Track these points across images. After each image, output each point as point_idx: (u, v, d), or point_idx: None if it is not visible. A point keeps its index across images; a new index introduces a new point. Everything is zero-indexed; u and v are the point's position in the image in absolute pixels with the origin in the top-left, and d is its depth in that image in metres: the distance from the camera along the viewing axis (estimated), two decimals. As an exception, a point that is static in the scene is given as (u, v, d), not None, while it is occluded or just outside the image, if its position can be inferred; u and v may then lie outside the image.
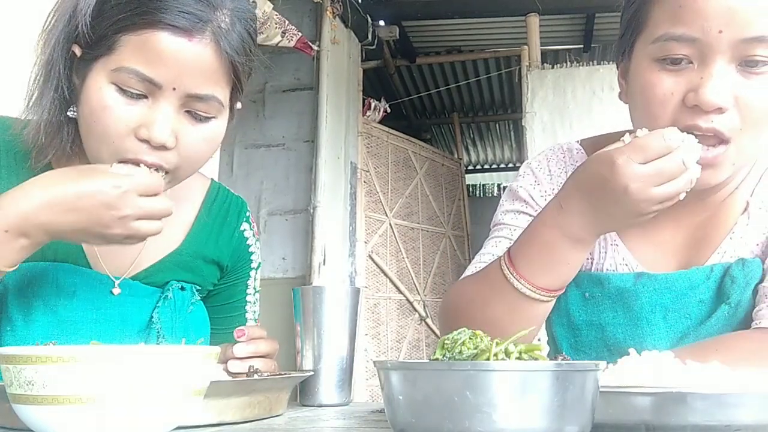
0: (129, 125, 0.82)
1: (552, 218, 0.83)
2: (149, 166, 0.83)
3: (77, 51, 0.85)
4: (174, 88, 0.82)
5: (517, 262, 0.84)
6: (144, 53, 0.80)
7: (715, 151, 0.82)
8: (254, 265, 1.13)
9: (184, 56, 0.81)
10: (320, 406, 0.93)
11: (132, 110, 0.82)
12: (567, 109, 4.23)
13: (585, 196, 0.80)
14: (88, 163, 0.94)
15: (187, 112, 0.85)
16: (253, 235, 1.12)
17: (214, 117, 0.87)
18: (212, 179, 1.11)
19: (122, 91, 0.82)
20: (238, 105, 0.96)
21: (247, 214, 1.12)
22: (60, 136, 0.88)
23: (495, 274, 0.87)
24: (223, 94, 0.87)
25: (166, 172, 0.85)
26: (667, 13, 0.82)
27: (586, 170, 0.80)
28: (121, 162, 0.83)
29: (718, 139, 0.82)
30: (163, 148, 0.83)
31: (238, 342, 0.91)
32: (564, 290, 0.87)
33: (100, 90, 0.82)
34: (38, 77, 0.88)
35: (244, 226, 1.10)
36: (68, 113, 0.87)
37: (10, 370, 0.53)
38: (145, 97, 0.82)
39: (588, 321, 0.96)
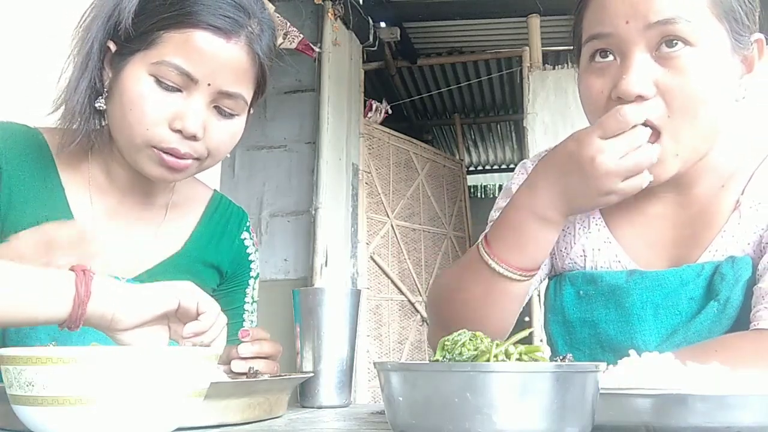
0: (164, 115, 0.88)
1: (522, 199, 0.88)
2: (180, 156, 0.89)
3: (112, 46, 0.91)
4: (209, 84, 0.89)
5: (492, 243, 0.90)
6: (185, 49, 0.87)
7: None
8: (253, 274, 1.15)
9: (221, 55, 0.89)
10: (320, 407, 0.93)
11: (167, 101, 0.88)
12: (568, 110, 4.22)
13: (552, 173, 0.86)
14: (103, 158, 0.99)
15: (215, 107, 0.92)
16: (253, 245, 1.15)
17: (237, 115, 0.94)
18: (215, 190, 1.14)
19: (159, 83, 0.88)
20: (251, 110, 1.00)
21: (248, 224, 1.15)
22: (89, 123, 0.94)
23: (473, 257, 0.92)
24: (248, 94, 0.94)
25: (196, 159, 0.92)
26: (589, 18, 0.90)
27: (556, 148, 0.87)
28: (152, 146, 0.89)
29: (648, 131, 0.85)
30: (193, 138, 0.90)
31: (242, 342, 0.92)
32: (539, 270, 0.92)
33: (138, 81, 0.88)
34: (75, 70, 0.93)
35: (245, 235, 1.13)
36: (95, 105, 0.93)
37: (11, 371, 0.53)
38: (180, 90, 0.89)
39: (582, 318, 0.98)
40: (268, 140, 4.16)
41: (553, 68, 4.36)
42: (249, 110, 0.99)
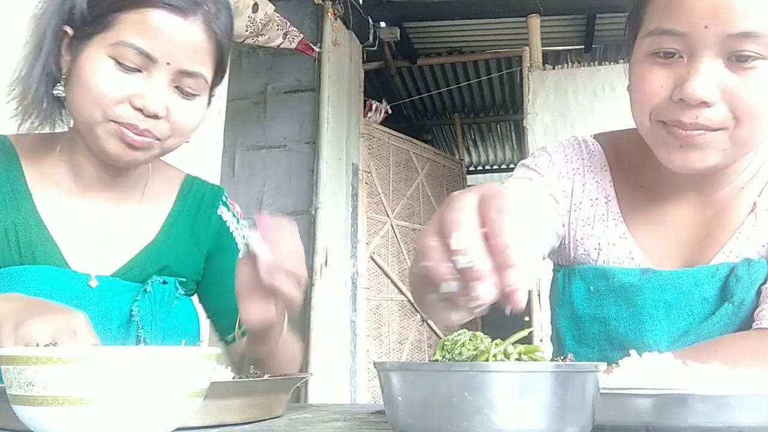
0: (124, 94, 0.88)
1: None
2: (139, 132, 0.90)
3: (69, 31, 0.91)
4: (168, 63, 0.89)
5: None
6: (142, 29, 0.88)
7: (699, 132, 0.82)
8: (242, 242, 1.11)
9: (178, 33, 0.89)
10: (320, 407, 0.92)
11: (128, 81, 0.89)
12: (568, 110, 4.22)
13: None
14: (69, 158, 0.98)
15: (176, 87, 0.92)
16: (233, 216, 1.12)
17: (198, 95, 0.94)
18: (187, 173, 1.13)
19: (119, 64, 0.88)
20: (213, 93, 1.01)
21: (224, 198, 1.13)
22: (46, 111, 0.95)
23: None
24: (209, 73, 0.95)
25: (157, 139, 0.92)
26: (659, 8, 0.85)
27: None
28: (112, 121, 0.89)
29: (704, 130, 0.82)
30: (154, 117, 0.90)
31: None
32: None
33: (98, 62, 0.89)
34: (28, 55, 0.94)
35: (221, 210, 1.11)
36: (54, 92, 0.93)
37: (11, 371, 0.53)
38: (140, 71, 0.89)
39: (592, 314, 0.97)
40: (268, 140, 4.15)
41: (553, 68, 4.36)
42: (210, 95, 0.99)
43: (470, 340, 0.57)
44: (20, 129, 0.96)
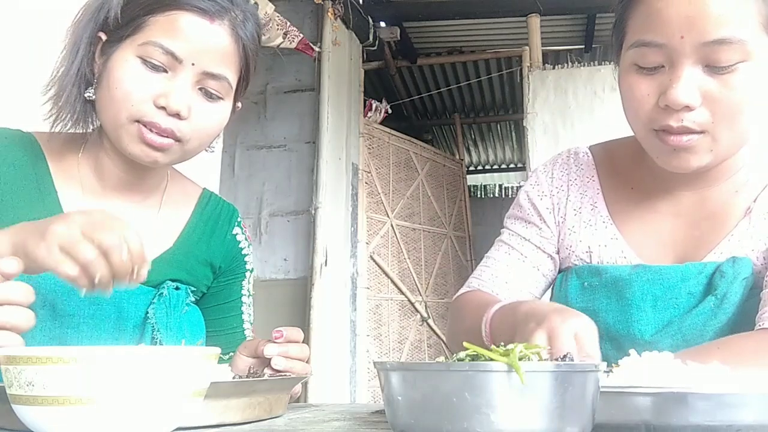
0: (149, 93, 0.91)
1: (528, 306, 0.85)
2: (161, 131, 0.91)
3: (103, 37, 0.95)
4: (193, 64, 0.92)
5: (493, 329, 0.90)
6: (169, 30, 0.91)
7: (687, 137, 0.87)
8: (248, 267, 1.16)
9: (204, 35, 0.92)
10: (320, 407, 0.92)
11: (153, 80, 0.91)
12: (568, 110, 4.22)
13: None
14: (94, 158, 1.00)
15: (200, 89, 0.94)
16: (246, 239, 1.15)
17: (222, 99, 0.96)
18: (204, 188, 1.15)
19: (145, 63, 0.91)
20: (239, 105, 1.02)
21: (239, 219, 1.15)
22: (78, 112, 0.97)
23: (475, 322, 0.93)
24: (233, 77, 0.96)
25: (178, 141, 0.93)
26: (639, 21, 0.89)
27: None
28: (136, 121, 0.90)
29: (690, 133, 0.87)
30: (177, 116, 0.91)
31: (272, 342, 0.91)
32: None
33: (126, 61, 0.91)
34: (64, 58, 0.96)
35: (236, 230, 1.14)
36: (85, 95, 0.95)
37: (11, 371, 0.53)
38: (165, 71, 0.92)
39: (583, 308, 1.00)
40: (267, 140, 4.16)
41: (553, 68, 4.36)
42: (235, 103, 1.00)
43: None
44: (53, 129, 0.98)
